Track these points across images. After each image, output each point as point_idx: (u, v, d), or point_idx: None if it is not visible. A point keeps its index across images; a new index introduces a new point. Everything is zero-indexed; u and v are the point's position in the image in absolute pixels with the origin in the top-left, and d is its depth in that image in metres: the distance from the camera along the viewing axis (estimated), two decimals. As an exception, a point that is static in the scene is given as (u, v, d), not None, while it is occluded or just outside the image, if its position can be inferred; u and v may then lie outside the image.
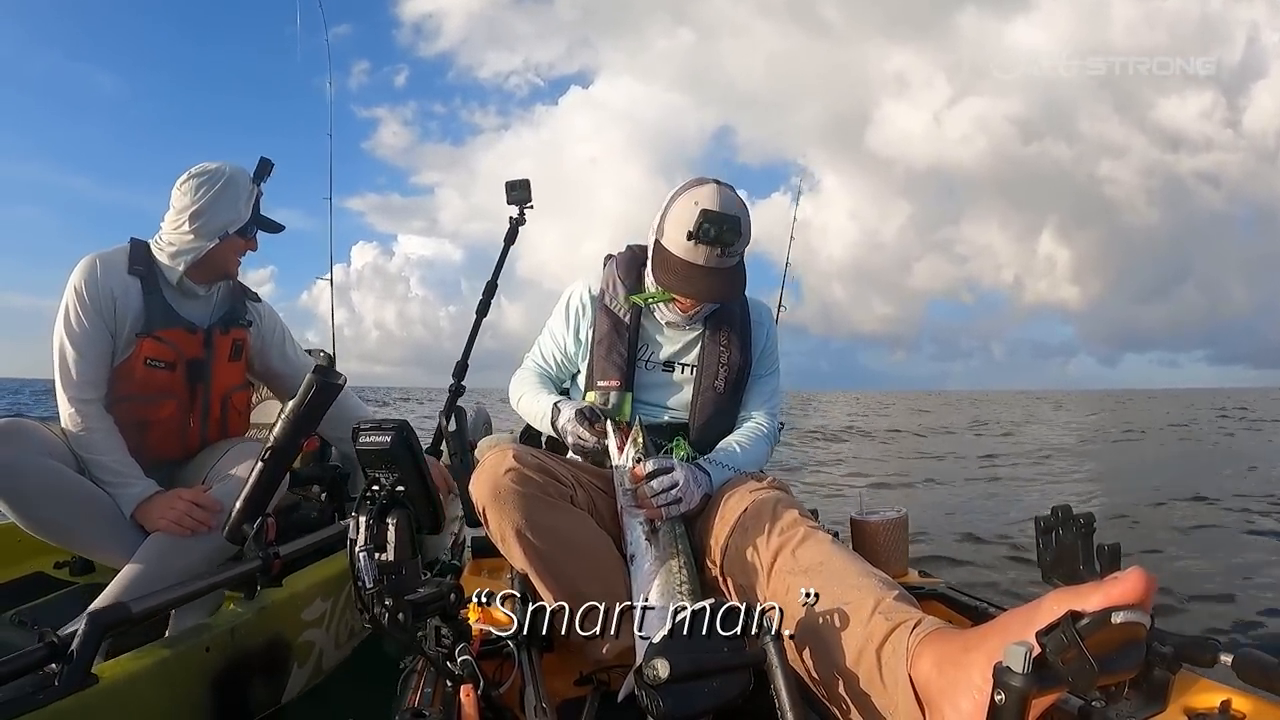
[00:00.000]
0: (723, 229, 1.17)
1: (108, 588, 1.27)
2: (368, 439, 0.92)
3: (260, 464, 1.14)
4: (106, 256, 1.47)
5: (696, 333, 1.35)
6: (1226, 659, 0.80)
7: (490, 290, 2.35)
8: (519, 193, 2.26)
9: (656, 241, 1.26)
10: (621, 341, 1.32)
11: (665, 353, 1.35)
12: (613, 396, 1.30)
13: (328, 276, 4.07)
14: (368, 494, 0.92)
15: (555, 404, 1.30)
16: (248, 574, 1.28)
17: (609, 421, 1.24)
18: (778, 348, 1.44)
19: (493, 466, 1.09)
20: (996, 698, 0.53)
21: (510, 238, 2.31)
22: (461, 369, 2.31)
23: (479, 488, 1.09)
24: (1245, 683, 0.80)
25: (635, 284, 1.35)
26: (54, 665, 0.97)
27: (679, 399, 1.34)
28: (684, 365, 1.35)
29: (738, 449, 1.29)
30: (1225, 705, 0.80)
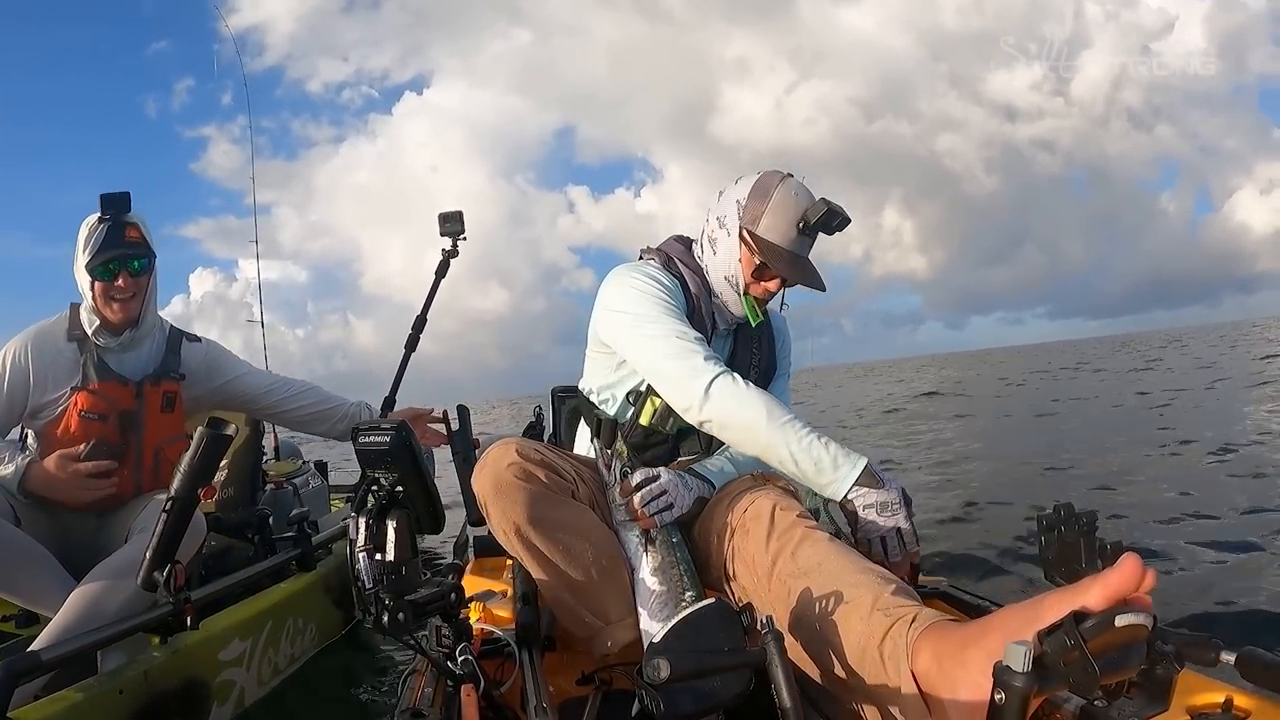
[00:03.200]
0: (834, 221, 1.21)
1: (39, 636, 1.29)
2: (367, 439, 0.92)
3: (164, 515, 1.19)
4: (46, 327, 1.60)
5: (730, 336, 1.37)
6: (1229, 657, 0.80)
7: (419, 325, 2.32)
8: (452, 224, 2.24)
9: (750, 232, 1.23)
10: None
11: None
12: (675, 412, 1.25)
13: (257, 318, 3.79)
14: (367, 494, 0.92)
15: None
16: (159, 619, 1.30)
17: (594, 442, 1.25)
18: (790, 352, 1.46)
19: (495, 461, 1.09)
20: (997, 697, 0.53)
21: (442, 270, 2.28)
22: (389, 404, 2.27)
23: (481, 482, 1.09)
24: (1248, 681, 0.80)
25: (701, 287, 1.31)
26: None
27: None
28: None
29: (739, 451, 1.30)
30: (1228, 704, 0.80)
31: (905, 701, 0.73)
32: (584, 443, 1.39)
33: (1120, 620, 0.52)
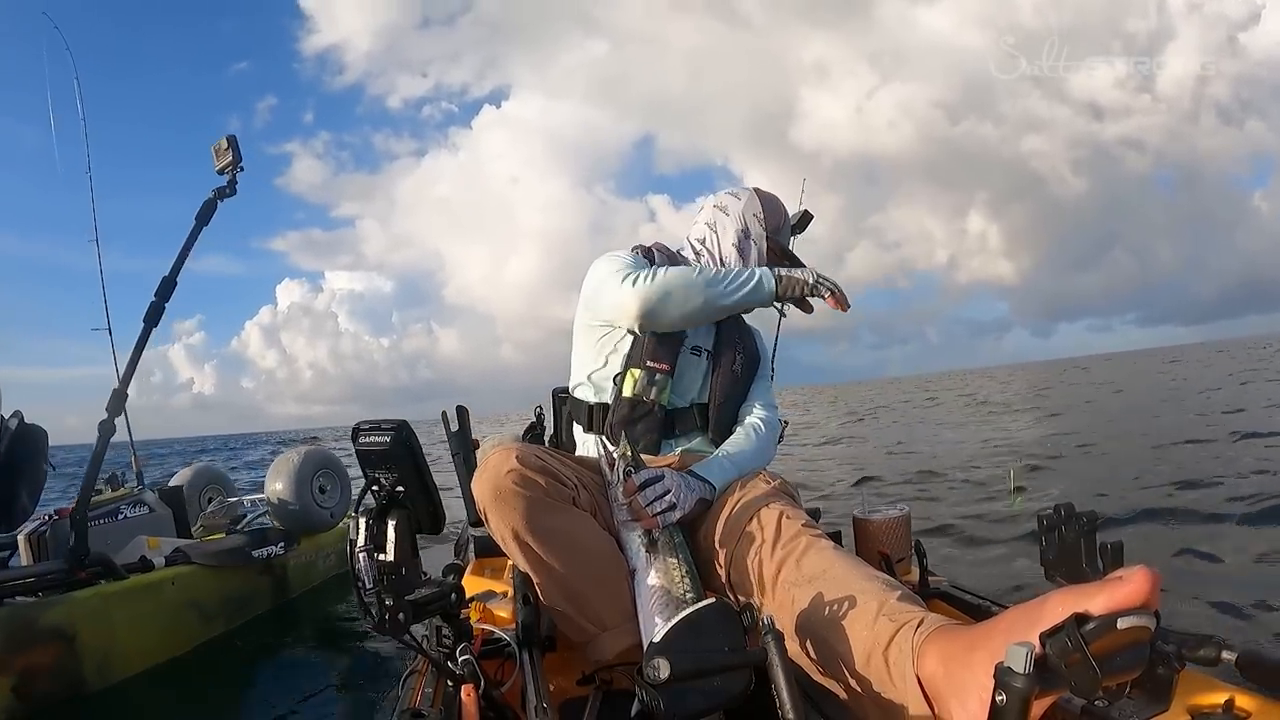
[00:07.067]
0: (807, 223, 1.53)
1: None
2: (367, 439, 0.92)
3: None
4: None
5: (711, 327, 1.41)
6: (1230, 657, 0.80)
7: (167, 289, 2.06)
8: (232, 152, 1.92)
9: (771, 239, 1.47)
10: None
11: (692, 339, 1.39)
12: (658, 379, 1.31)
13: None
14: (368, 494, 0.92)
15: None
16: None
17: (600, 439, 1.26)
18: (768, 357, 1.53)
19: (495, 467, 1.09)
20: (998, 698, 0.53)
21: (205, 216, 1.94)
22: (127, 376, 2.18)
23: (480, 488, 1.09)
24: (1249, 681, 0.79)
25: None
26: None
27: (700, 382, 1.39)
28: (704, 350, 1.40)
29: (740, 450, 1.30)
30: (1229, 704, 0.80)
31: (910, 707, 0.73)
32: (585, 446, 1.39)
33: (1123, 623, 0.52)
